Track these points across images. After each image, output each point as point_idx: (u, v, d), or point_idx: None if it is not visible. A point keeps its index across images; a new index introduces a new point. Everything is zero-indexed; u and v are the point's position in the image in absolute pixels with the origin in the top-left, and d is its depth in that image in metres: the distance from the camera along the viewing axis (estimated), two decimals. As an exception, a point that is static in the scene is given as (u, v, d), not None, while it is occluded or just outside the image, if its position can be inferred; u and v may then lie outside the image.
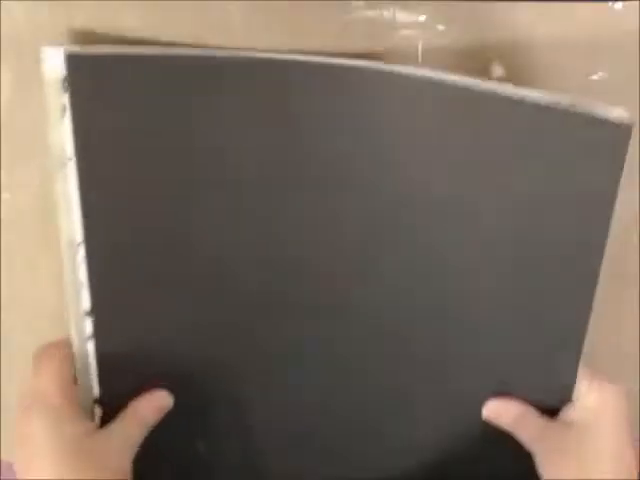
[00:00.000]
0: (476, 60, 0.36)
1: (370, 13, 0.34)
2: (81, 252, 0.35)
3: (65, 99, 0.33)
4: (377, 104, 0.33)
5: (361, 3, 0.34)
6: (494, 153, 0.34)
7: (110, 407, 0.36)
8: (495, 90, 0.32)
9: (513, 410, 0.36)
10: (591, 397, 0.35)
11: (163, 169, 0.34)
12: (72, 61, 0.32)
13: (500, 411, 0.37)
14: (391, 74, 0.33)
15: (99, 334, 0.36)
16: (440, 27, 0.35)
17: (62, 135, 0.33)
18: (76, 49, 0.32)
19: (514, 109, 0.32)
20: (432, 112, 0.33)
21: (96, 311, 0.35)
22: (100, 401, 0.37)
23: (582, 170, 0.33)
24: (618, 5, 0.35)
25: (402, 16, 0.35)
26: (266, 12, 0.34)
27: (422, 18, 0.35)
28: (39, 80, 0.35)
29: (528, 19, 0.35)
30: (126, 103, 0.33)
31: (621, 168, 0.32)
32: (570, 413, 0.36)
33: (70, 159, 0.33)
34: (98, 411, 0.37)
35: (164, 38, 0.35)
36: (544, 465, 0.35)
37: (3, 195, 0.37)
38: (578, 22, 0.35)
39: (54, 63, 0.32)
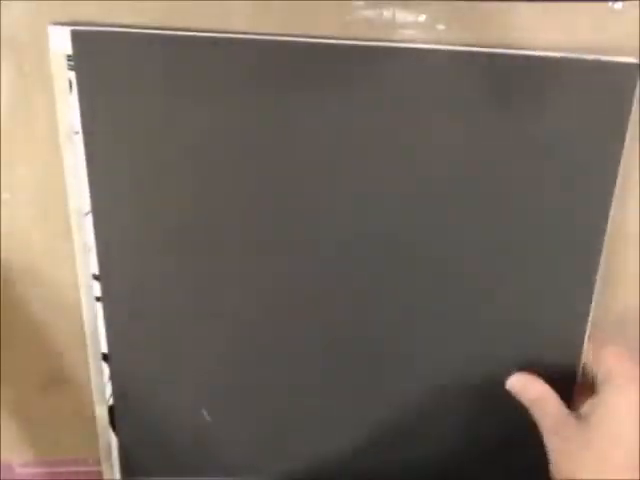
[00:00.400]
0: (476, 60, 0.35)
1: (370, 13, 0.34)
2: (89, 220, 0.37)
3: (71, 75, 0.34)
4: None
5: (361, 3, 0.34)
6: (511, 105, 0.36)
7: (117, 363, 0.40)
8: (506, 51, 0.35)
9: (537, 388, 0.37)
10: (608, 391, 0.35)
11: (166, 142, 0.36)
12: (77, 38, 0.33)
13: (526, 386, 0.37)
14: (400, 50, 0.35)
15: (106, 296, 0.39)
16: (440, 27, 0.35)
17: (69, 110, 0.35)
18: (81, 27, 0.33)
19: (528, 63, 0.35)
20: (449, 79, 0.35)
21: (104, 275, 0.38)
22: (108, 357, 0.40)
23: (596, 109, 0.36)
24: (618, 5, 0.35)
25: (402, 16, 0.35)
26: (266, 12, 0.34)
27: (422, 18, 0.35)
28: (39, 80, 0.35)
29: (528, 19, 0.35)
30: (130, 79, 0.34)
31: (630, 105, 0.35)
32: (587, 406, 0.36)
33: (77, 133, 0.35)
34: (106, 367, 0.40)
35: (164, 38, 0.35)
36: (557, 460, 0.35)
37: (3, 195, 0.37)
38: (578, 22, 0.35)
39: (60, 40, 0.33)
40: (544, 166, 0.37)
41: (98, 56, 0.34)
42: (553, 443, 0.35)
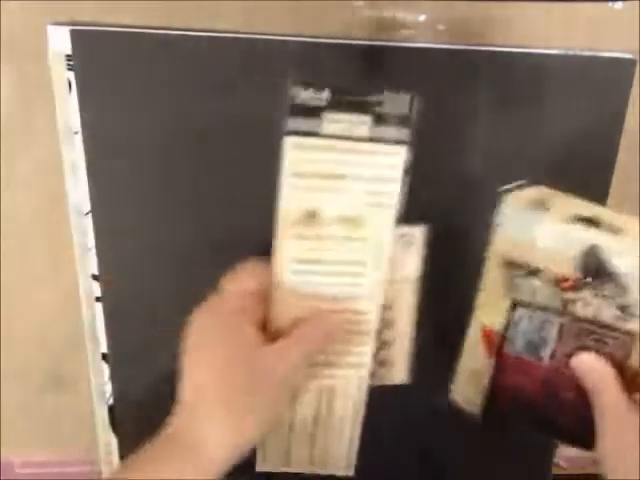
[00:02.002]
0: (476, 60, 0.35)
1: (370, 13, 0.34)
2: (89, 220, 0.37)
3: (70, 75, 0.34)
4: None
5: (361, 3, 0.34)
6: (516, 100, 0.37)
7: (117, 363, 0.41)
8: (506, 48, 0.35)
9: (598, 374, 0.34)
10: None
11: (165, 140, 0.36)
12: (76, 38, 0.33)
13: (591, 368, 0.35)
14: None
15: (106, 296, 0.39)
16: (440, 27, 0.35)
17: (68, 110, 0.35)
18: (80, 27, 0.33)
19: (528, 60, 0.35)
20: (450, 76, 0.35)
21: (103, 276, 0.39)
22: (107, 357, 0.41)
23: (594, 102, 0.36)
24: (618, 5, 0.35)
25: (402, 16, 0.35)
26: (267, 12, 0.34)
27: (422, 18, 0.35)
28: (39, 80, 0.35)
29: (528, 19, 0.35)
30: (129, 78, 0.34)
31: (627, 98, 0.36)
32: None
33: (76, 133, 0.35)
34: (106, 366, 0.41)
35: (164, 38, 0.35)
36: (610, 460, 0.33)
37: (3, 195, 0.37)
38: (578, 22, 0.35)
39: (59, 40, 0.33)
40: (544, 159, 0.37)
41: (97, 56, 0.34)
42: (607, 440, 0.33)
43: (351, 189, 0.33)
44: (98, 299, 0.39)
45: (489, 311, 0.38)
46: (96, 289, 0.39)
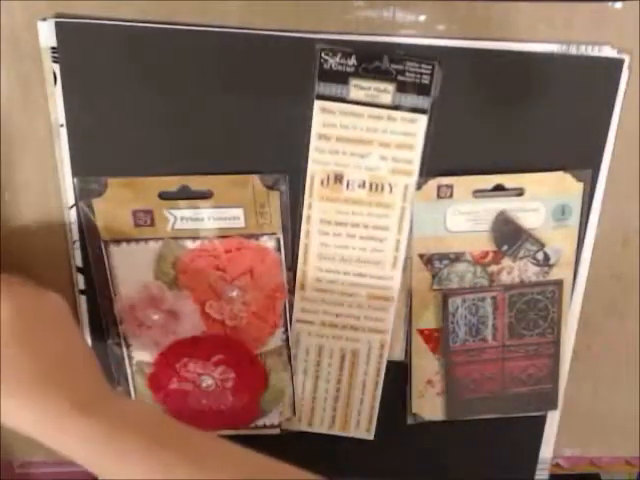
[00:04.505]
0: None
1: (370, 13, 0.34)
2: (73, 214, 0.37)
3: (56, 67, 0.34)
4: None
5: (361, 3, 0.34)
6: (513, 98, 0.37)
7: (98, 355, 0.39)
8: (501, 47, 0.35)
9: None
10: None
11: (148, 132, 0.36)
12: (61, 30, 0.33)
13: None
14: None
15: (89, 290, 0.39)
16: (440, 27, 0.35)
17: (54, 103, 0.35)
18: (65, 19, 0.33)
19: (522, 58, 0.35)
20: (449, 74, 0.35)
21: (87, 267, 0.38)
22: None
23: (585, 101, 0.36)
24: (618, 5, 0.35)
25: (402, 16, 0.35)
26: (266, 11, 0.34)
27: (422, 18, 0.35)
28: (39, 80, 0.35)
29: (528, 19, 0.35)
30: (113, 71, 0.34)
31: (615, 96, 0.36)
32: None
33: (62, 125, 0.35)
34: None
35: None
36: None
37: (3, 195, 0.37)
38: (578, 22, 0.35)
39: (46, 33, 0.34)
40: (534, 158, 0.37)
41: (81, 48, 0.34)
42: None
43: (375, 155, 0.34)
44: (82, 292, 0.39)
45: (422, 313, 0.39)
46: (80, 282, 0.39)
